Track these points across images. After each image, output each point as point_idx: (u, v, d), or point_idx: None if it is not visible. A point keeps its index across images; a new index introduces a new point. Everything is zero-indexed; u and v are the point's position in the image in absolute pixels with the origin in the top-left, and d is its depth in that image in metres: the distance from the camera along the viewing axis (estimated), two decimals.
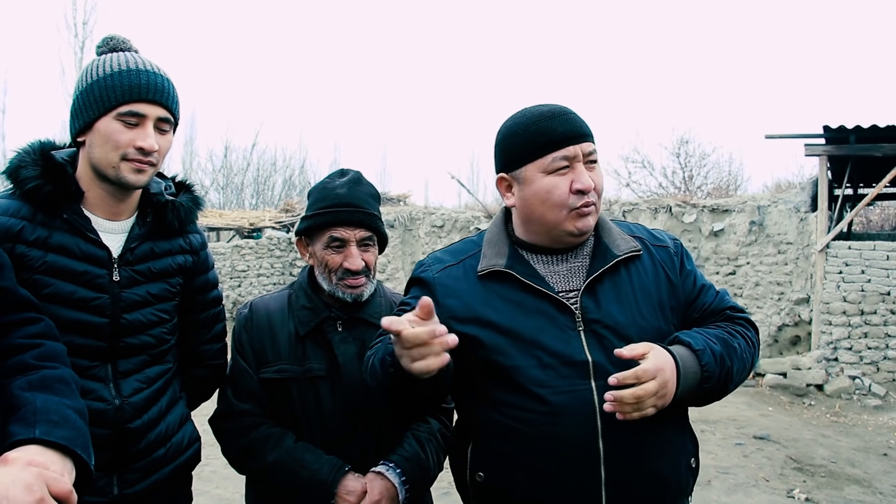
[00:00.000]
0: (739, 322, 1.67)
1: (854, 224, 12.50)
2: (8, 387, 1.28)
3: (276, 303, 1.98)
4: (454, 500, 4.52)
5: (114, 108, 1.59)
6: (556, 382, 1.49)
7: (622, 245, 1.62)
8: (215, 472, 5.24)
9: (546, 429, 1.49)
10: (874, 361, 8.84)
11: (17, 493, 1.05)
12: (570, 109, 1.59)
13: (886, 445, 6.79)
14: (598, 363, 1.50)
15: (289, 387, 1.89)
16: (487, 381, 1.58)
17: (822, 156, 9.30)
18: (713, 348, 1.51)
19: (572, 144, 1.53)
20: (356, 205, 1.87)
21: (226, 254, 13.83)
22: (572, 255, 1.62)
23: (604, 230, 1.66)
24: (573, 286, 1.59)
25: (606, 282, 1.58)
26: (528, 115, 1.60)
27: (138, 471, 1.70)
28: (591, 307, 1.55)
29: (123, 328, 1.69)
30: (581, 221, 1.55)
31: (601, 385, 1.47)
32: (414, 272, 1.74)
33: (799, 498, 5.23)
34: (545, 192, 1.55)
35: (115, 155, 1.60)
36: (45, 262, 1.58)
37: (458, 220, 13.45)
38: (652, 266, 1.64)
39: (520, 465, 1.53)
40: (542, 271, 1.60)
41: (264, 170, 31.03)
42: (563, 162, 1.53)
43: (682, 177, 21.25)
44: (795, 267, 10.36)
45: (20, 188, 1.61)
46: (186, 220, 1.82)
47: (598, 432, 1.47)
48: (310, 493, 1.80)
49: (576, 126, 1.55)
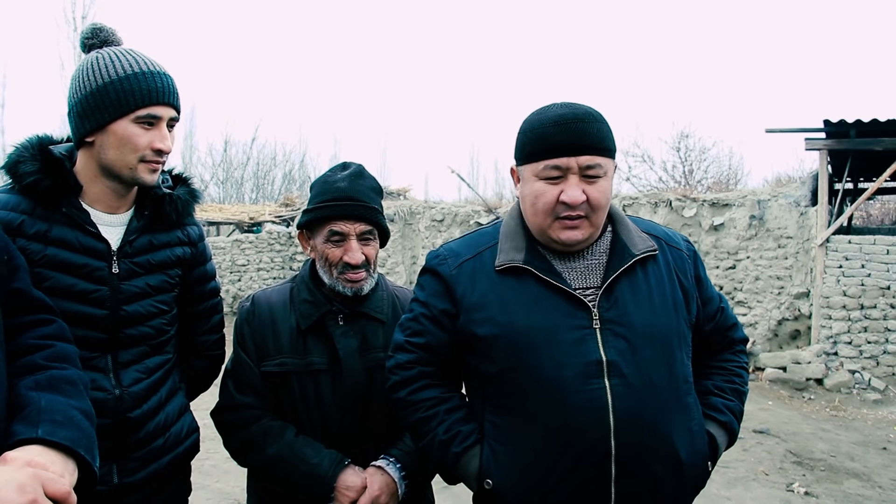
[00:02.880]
0: (739, 351, 1.83)
1: (854, 218, 12.50)
2: (15, 386, 1.28)
3: (278, 296, 1.98)
4: (454, 494, 4.55)
5: (133, 112, 1.62)
6: (570, 381, 1.49)
7: (639, 244, 1.61)
8: (216, 466, 5.25)
9: (558, 427, 1.49)
10: (874, 356, 8.85)
11: (8, 494, 1.04)
12: (590, 117, 1.53)
13: (886, 439, 6.80)
14: (612, 362, 1.49)
15: (289, 380, 1.89)
16: (499, 382, 1.57)
17: (823, 150, 9.28)
18: (735, 411, 1.73)
19: (568, 156, 1.50)
20: (357, 198, 1.86)
21: (226, 248, 13.82)
22: (589, 252, 1.61)
23: (621, 227, 1.65)
24: (590, 283, 1.58)
25: (624, 281, 1.57)
26: (542, 116, 1.57)
27: (138, 460, 1.72)
28: (608, 305, 1.54)
29: (123, 320, 1.71)
30: (566, 233, 1.54)
31: (615, 384, 1.47)
32: (429, 262, 1.72)
33: (798, 492, 5.24)
34: (534, 196, 1.55)
35: (134, 157, 1.64)
36: (45, 255, 1.61)
37: (458, 214, 13.43)
38: (667, 267, 1.63)
39: (529, 467, 1.52)
40: (560, 267, 1.59)
41: (264, 164, 30.97)
42: (554, 171, 1.52)
43: (683, 171, 21.22)
44: (795, 261, 10.35)
45: (19, 183, 1.63)
46: (184, 213, 1.84)
47: (611, 430, 1.47)
48: (309, 487, 1.81)
49: (579, 137, 1.50)
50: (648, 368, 1.51)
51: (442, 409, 1.65)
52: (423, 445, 1.68)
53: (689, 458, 1.56)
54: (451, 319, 1.64)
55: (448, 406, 1.66)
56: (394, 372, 1.71)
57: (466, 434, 1.62)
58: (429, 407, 1.65)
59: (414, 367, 1.68)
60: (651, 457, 1.50)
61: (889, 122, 8.50)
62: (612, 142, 1.56)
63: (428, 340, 1.67)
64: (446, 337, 1.65)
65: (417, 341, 1.68)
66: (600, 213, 1.56)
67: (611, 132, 1.57)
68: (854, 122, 8.68)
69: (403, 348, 1.70)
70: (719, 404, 1.71)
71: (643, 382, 1.50)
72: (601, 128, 1.53)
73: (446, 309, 1.64)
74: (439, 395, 1.67)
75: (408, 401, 1.68)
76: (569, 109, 1.54)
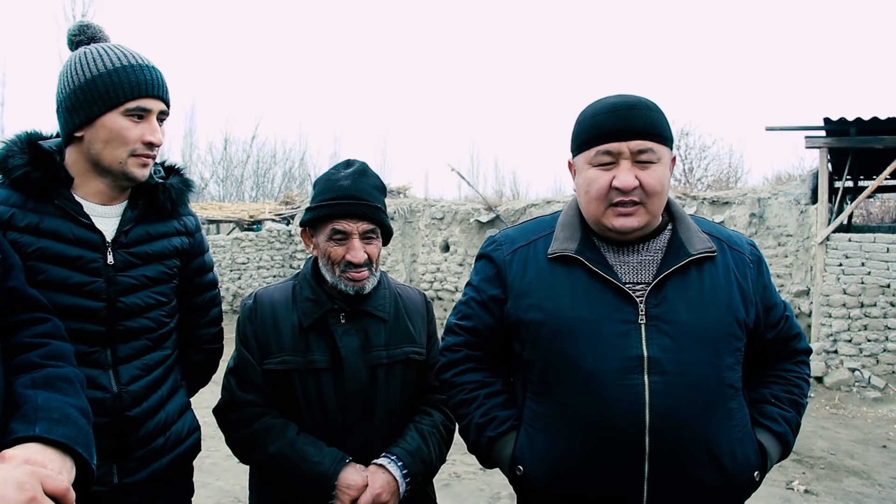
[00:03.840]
0: (801, 362, 1.75)
1: (854, 216, 12.50)
2: (11, 385, 1.28)
3: (281, 294, 1.98)
4: (454, 493, 4.56)
5: (122, 104, 1.61)
6: (609, 375, 1.48)
7: (697, 244, 1.58)
8: (216, 464, 5.26)
9: (593, 419, 1.49)
10: (874, 354, 8.85)
11: (7, 492, 1.04)
12: (641, 104, 1.54)
13: (885, 437, 6.81)
14: (653, 358, 1.48)
15: (291, 378, 1.89)
16: (540, 369, 1.58)
17: (823, 148, 9.27)
18: (791, 422, 1.66)
19: (619, 141, 1.50)
20: (359, 197, 1.86)
21: (226, 246, 13.81)
22: (644, 248, 1.60)
23: (681, 225, 1.63)
24: (642, 279, 1.56)
25: (676, 279, 1.55)
26: (596, 106, 1.58)
27: (138, 459, 1.71)
28: (656, 302, 1.52)
29: (120, 312, 1.69)
30: (620, 220, 1.53)
31: (654, 381, 1.46)
32: (484, 248, 1.75)
33: (798, 490, 5.25)
34: (587, 184, 1.55)
35: (124, 151, 1.63)
36: (38, 248, 1.60)
37: (459, 212, 13.42)
38: (725, 269, 1.59)
39: (562, 457, 1.53)
40: (612, 260, 1.58)
41: (264, 162, 30.97)
42: (606, 157, 1.52)
43: (683, 169, 21.21)
44: (795, 259, 10.35)
45: (8, 177, 1.63)
46: (178, 202, 1.84)
47: (646, 427, 1.45)
48: (310, 485, 1.81)
49: (630, 122, 1.50)
50: (691, 368, 1.48)
51: (483, 392, 1.68)
52: (462, 427, 1.72)
53: (732, 465, 1.52)
54: (499, 305, 1.67)
55: (489, 391, 1.69)
56: (443, 354, 1.78)
57: (503, 419, 1.64)
58: (470, 390, 1.69)
59: (461, 350, 1.74)
60: (687, 458, 1.47)
61: (889, 121, 8.50)
62: (665, 129, 1.55)
63: (476, 324, 1.71)
64: (494, 322, 1.68)
65: (466, 325, 1.73)
66: (656, 201, 1.53)
67: (665, 121, 1.56)
68: (854, 121, 8.68)
69: (452, 331, 1.77)
70: (775, 414, 1.65)
71: (685, 382, 1.47)
72: (653, 115, 1.53)
73: (496, 294, 1.67)
74: (482, 379, 1.71)
75: (452, 382, 1.73)
76: (620, 98, 1.56)
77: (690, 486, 1.49)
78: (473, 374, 1.72)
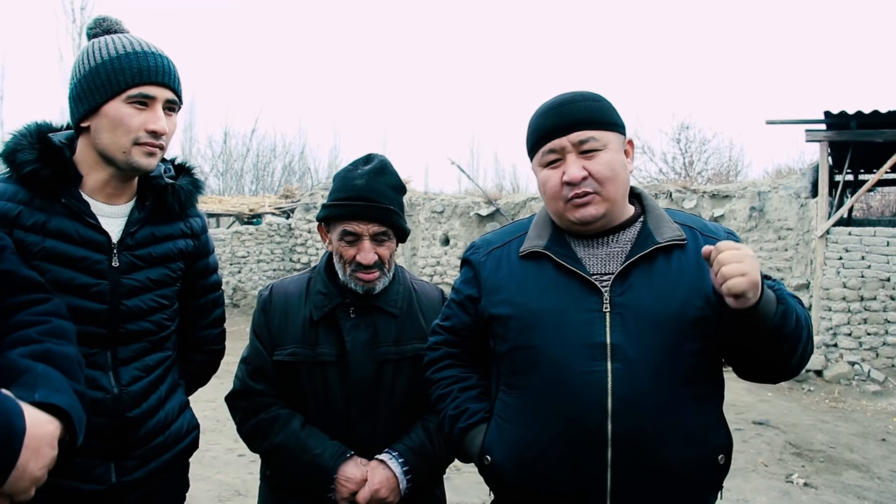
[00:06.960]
0: None
1: (854, 210, 12.49)
2: (8, 355, 1.27)
3: (296, 286, 1.99)
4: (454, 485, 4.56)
5: (123, 91, 1.57)
6: (573, 362, 1.50)
7: (666, 232, 1.60)
8: (217, 458, 5.27)
9: (559, 408, 1.50)
10: (873, 347, 8.86)
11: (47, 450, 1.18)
12: (577, 97, 1.59)
13: (885, 431, 6.83)
14: (616, 345, 1.49)
15: (299, 370, 1.89)
16: (509, 361, 1.61)
17: (823, 141, 9.27)
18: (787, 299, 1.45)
19: (559, 136, 1.55)
20: (372, 199, 1.83)
21: (225, 240, 13.81)
22: (614, 239, 1.62)
23: (651, 217, 1.65)
24: (609, 269, 1.58)
25: (643, 267, 1.56)
26: (538, 110, 1.65)
27: (137, 458, 1.69)
28: (620, 290, 1.54)
29: (123, 314, 1.67)
30: (578, 212, 1.56)
31: (616, 367, 1.48)
32: (465, 252, 1.83)
33: (798, 483, 5.26)
34: (543, 185, 1.62)
35: (128, 139, 1.58)
36: (43, 247, 1.56)
37: (458, 205, 13.42)
38: (696, 255, 1.58)
39: (528, 445, 1.54)
40: (581, 253, 1.61)
41: (264, 156, 30.87)
42: (551, 155, 1.58)
43: (683, 162, 21.21)
44: (795, 253, 10.36)
45: (17, 172, 1.58)
46: (187, 204, 1.80)
47: (608, 413, 1.47)
48: (311, 476, 1.82)
49: (566, 117, 1.56)
50: (654, 354, 1.49)
51: (457, 387, 1.75)
52: (439, 421, 1.79)
53: (696, 450, 1.52)
54: (474, 304, 1.73)
55: (463, 385, 1.75)
56: (425, 353, 1.85)
57: (474, 412, 1.69)
58: (446, 385, 1.77)
59: (440, 349, 1.82)
60: (650, 444, 1.48)
61: (890, 114, 8.49)
62: (606, 115, 1.58)
63: (454, 324, 1.79)
64: (470, 320, 1.75)
65: (446, 325, 1.82)
66: (609, 186, 1.55)
67: (606, 108, 1.59)
68: (855, 114, 8.67)
69: (435, 331, 1.86)
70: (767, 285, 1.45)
71: (647, 368, 1.48)
72: (590, 105, 1.57)
73: (471, 294, 1.74)
74: (457, 375, 1.78)
75: (431, 378, 1.80)
76: (557, 97, 1.62)
77: (654, 472, 1.48)
78: (450, 370, 1.79)
